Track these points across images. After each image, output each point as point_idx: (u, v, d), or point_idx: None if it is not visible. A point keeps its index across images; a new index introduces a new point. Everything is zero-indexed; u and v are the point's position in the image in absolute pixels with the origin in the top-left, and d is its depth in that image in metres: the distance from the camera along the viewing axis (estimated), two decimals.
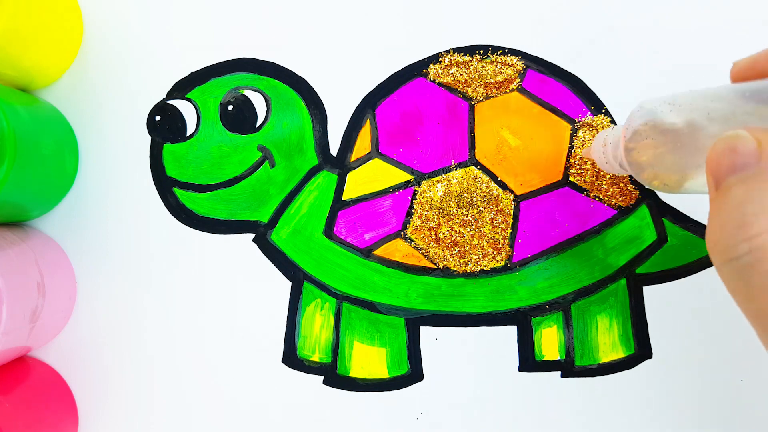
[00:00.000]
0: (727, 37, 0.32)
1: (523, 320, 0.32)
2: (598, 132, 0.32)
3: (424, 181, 0.33)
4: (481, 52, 0.33)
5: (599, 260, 0.32)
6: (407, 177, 0.33)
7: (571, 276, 0.32)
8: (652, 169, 0.23)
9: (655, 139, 0.22)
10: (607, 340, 0.32)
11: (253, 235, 0.33)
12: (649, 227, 0.32)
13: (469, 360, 0.33)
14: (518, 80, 0.33)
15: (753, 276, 0.16)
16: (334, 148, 0.33)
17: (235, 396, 0.33)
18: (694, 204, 0.32)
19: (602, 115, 0.32)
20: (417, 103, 0.33)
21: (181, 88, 0.33)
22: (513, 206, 0.32)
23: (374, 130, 0.33)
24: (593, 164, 0.32)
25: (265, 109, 0.33)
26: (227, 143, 0.33)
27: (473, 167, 0.32)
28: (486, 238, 0.32)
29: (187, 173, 0.33)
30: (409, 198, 0.33)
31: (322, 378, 0.33)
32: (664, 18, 0.32)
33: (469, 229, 0.32)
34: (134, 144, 0.34)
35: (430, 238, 0.32)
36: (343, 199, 0.33)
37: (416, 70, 0.33)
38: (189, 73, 0.33)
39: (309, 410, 0.33)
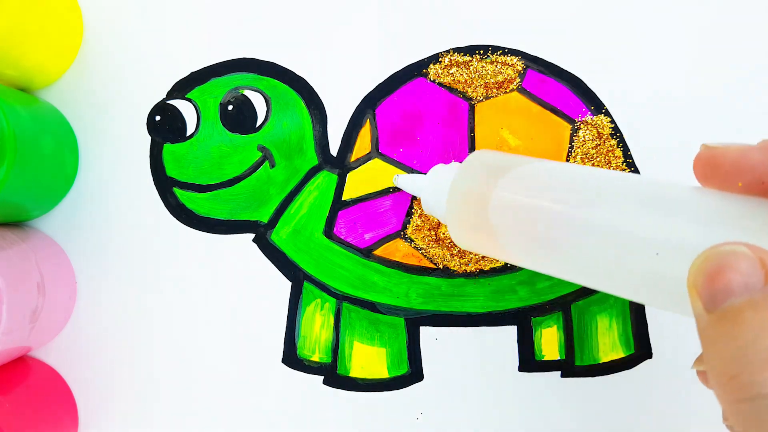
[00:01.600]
0: (727, 36, 0.32)
1: (523, 320, 0.32)
2: (598, 132, 0.32)
3: None
4: (481, 52, 0.33)
5: None
6: None
7: None
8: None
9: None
10: (607, 340, 0.32)
11: (253, 235, 0.33)
12: None
13: (469, 360, 0.33)
14: (518, 80, 0.33)
15: None
16: (334, 148, 0.33)
17: (235, 396, 0.33)
18: None
19: (602, 115, 0.32)
20: (417, 103, 0.33)
21: (181, 88, 0.33)
22: None
23: (374, 130, 0.33)
24: (593, 164, 0.32)
25: (265, 109, 0.33)
26: (227, 143, 0.33)
27: None
28: None
29: (187, 173, 0.33)
30: (409, 198, 0.33)
31: (322, 378, 0.33)
32: (665, 17, 0.32)
33: None
34: (134, 144, 0.34)
35: (430, 238, 0.32)
36: (343, 199, 0.33)
37: (416, 70, 0.33)
38: (189, 73, 0.33)
39: (309, 410, 0.33)
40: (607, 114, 0.32)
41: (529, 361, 0.32)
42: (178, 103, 0.33)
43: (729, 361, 0.15)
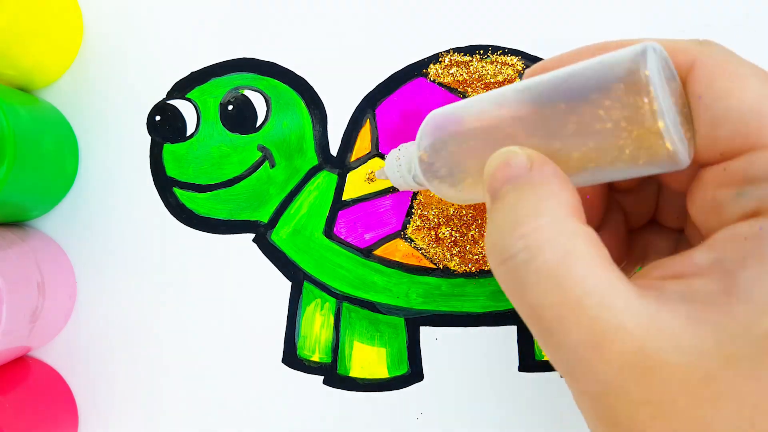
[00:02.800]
0: (725, 37, 0.32)
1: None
2: None
3: None
4: (481, 52, 0.33)
5: None
6: None
7: None
8: (447, 180, 0.22)
9: (448, 149, 0.22)
10: None
11: (253, 235, 0.33)
12: None
13: (469, 360, 0.33)
14: (518, 80, 0.33)
15: (527, 273, 0.16)
16: (334, 148, 0.33)
17: (235, 396, 0.33)
18: None
19: None
20: (417, 103, 0.33)
21: (181, 88, 0.33)
22: None
23: (374, 130, 0.33)
24: None
25: (265, 109, 0.33)
26: (227, 143, 0.33)
27: None
28: None
29: (187, 173, 0.33)
30: (409, 198, 0.33)
31: (322, 378, 0.33)
32: (664, 17, 0.32)
33: (469, 229, 0.32)
34: (134, 144, 0.34)
35: (430, 238, 0.32)
36: (343, 199, 0.33)
37: (416, 70, 0.33)
38: (189, 73, 0.33)
39: (309, 410, 0.33)
40: None
41: (529, 361, 0.32)
42: (178, 103, 0.33)
43: (492, 232, 0.18)
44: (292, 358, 0.33)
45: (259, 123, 0.33)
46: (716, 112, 0.17)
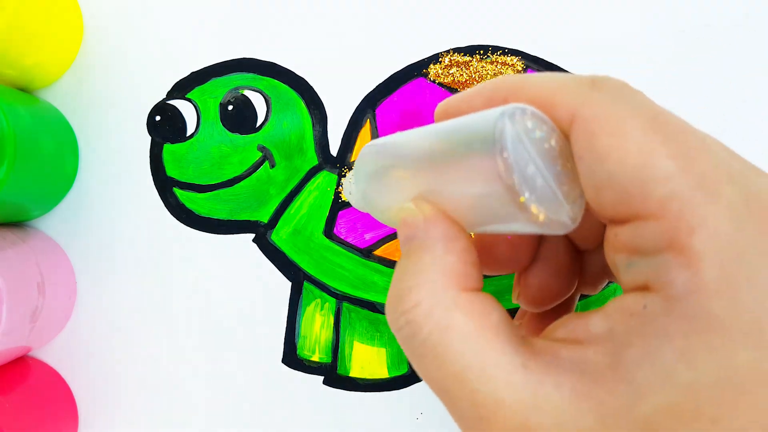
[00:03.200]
0: (723, 37, 0.32)
1: None
2: None
3: None
4: (481, 52, 0.33)
5: None
6: None
7: None
8: (380, 209, 0.22)
9: (377, 183, 0.21)
10: None
11: (253, 235, 0.33)
12: None
13: None
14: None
15: (414, 346, 0.17)
16: (334, 148, 0.33)
17: (235, 396, 0.33)
18: None
19: None
20: (417, 103, 0.33)
21: (181, 88, 0.33)
22: None
23: (374, 130, 0.33)
24: None
25: (265, 109, 0.33)
26: (227, 143, 0.33)
27: None
28: None
29: (187, 173, 0.33)
30: None
31: (322, 378, 0.33)
32: (664, 17, 0.32)
33: None
34: (134, 144, 0.34)
35: None
36: (343, 199, 0.33)
37: (416, 70, 0.33)
38: (189, 73, 0.33)
39: (309, 410, 0.33)
40: None
41: None
42: (178, 103, 0.33)
43: (387, 301, 0.18)
44: (292, 358, 0.33)
45: (259, 123, 0.33)
46: (597, 176, 0.15)
